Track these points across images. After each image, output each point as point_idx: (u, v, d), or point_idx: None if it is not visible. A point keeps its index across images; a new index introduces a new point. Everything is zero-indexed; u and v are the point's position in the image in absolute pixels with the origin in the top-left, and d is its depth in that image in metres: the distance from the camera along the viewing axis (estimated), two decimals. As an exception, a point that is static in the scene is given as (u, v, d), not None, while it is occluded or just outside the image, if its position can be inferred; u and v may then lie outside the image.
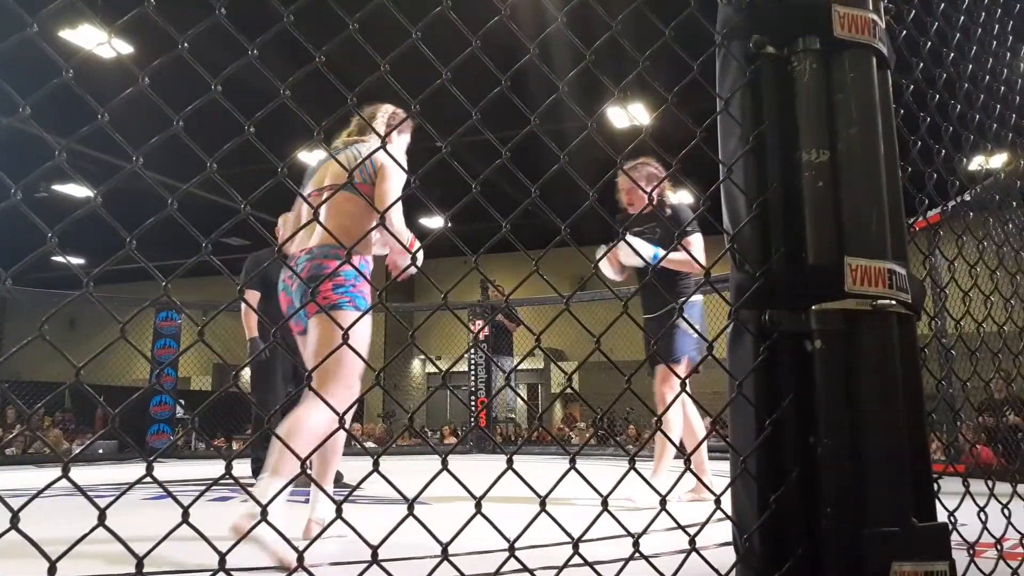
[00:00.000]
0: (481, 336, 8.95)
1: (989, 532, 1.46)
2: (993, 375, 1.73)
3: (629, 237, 3.55)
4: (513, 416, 10.26)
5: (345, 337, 1.02)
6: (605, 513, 1.06)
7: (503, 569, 1.02)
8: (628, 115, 9.87)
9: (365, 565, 0.95)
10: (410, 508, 0.97)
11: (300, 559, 0.91)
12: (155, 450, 7.94)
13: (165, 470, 5.98)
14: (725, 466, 1.13)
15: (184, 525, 0.89)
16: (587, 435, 11.34)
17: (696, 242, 3.63)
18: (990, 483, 1.57)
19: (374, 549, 0.94)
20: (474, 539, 1.09)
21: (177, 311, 8.65)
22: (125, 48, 7.44)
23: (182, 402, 9.28)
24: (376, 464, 0.98)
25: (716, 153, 1.22)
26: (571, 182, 1.14)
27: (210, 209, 8.52)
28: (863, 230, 1.10)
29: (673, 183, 3.83)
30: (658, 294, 3.59)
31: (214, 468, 5.98)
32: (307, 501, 2.64)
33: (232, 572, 0.90)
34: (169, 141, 0.94)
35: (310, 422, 2.25)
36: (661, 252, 3.43)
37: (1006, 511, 1.55)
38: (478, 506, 1.00)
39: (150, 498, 3.83)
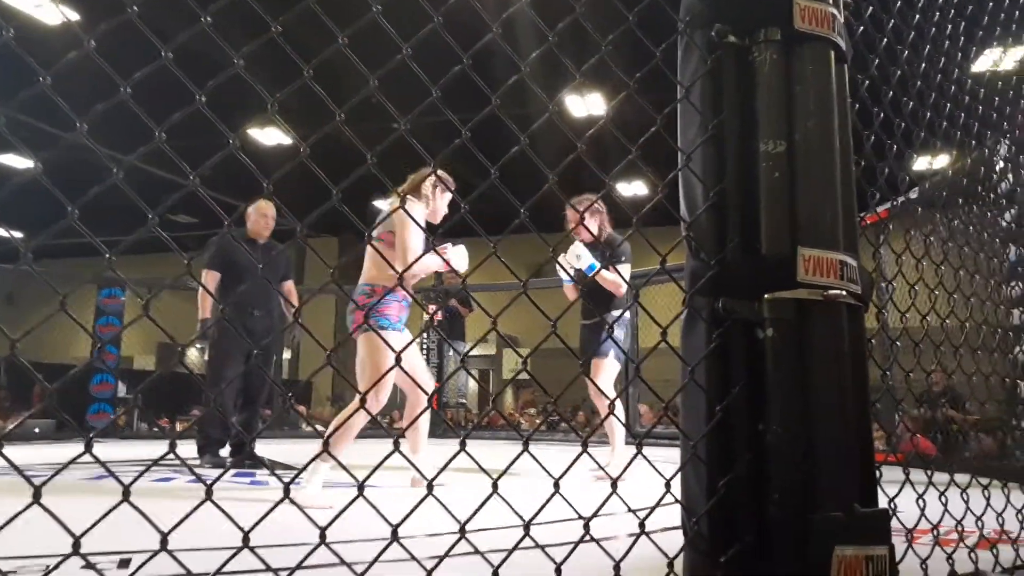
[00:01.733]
0: (434, 321, 8.91)
1: (927, 519, 1.51)
2: (934, 367, 1.77)
3: (578, 246, 4.25)
4: (464, 401, 10.26)
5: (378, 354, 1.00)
6: (556, 496, 1.06)
7: (453, 551, 1.02)
8: (585, 105, 9.89)
9: (312, 547, 0.94)
10: (360, 491, 0.96)
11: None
12: (95, 430, 7.73)
13: (106, 450, 5.82)
14: (673, 453, 1.14)
15: (125, 504, 0.86)
16: (537, 421, 11.40)
17: (625, 270, 4.33)
18: (928, 472, 1.63)
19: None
20: (427, 521, 1.09)
21: (122, 287, 8.42)
22: (72, 15, 7.17)
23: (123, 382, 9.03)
24: (326, 445, 0.97)
25: (675, 141, 1.22)
26: (532, 167, 1.13)
27: (159, 184, 8.29)
28: (817, 221, 1.12)
29: (611, 215, 4.58)
30: (594, 305, 4.41)
31: (157, 449, 5.83)
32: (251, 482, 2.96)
33: (174, 552, 0.87)
34: (118, 115, 0.90)
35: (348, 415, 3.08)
36: (598, 265, 4.24)
37: (943, 499, 1.60)
38: (430, 487, 0.99)
39: (89, 478, 3.73)
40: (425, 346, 9.30)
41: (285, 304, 4.90)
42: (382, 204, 4.30)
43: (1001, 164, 4.16)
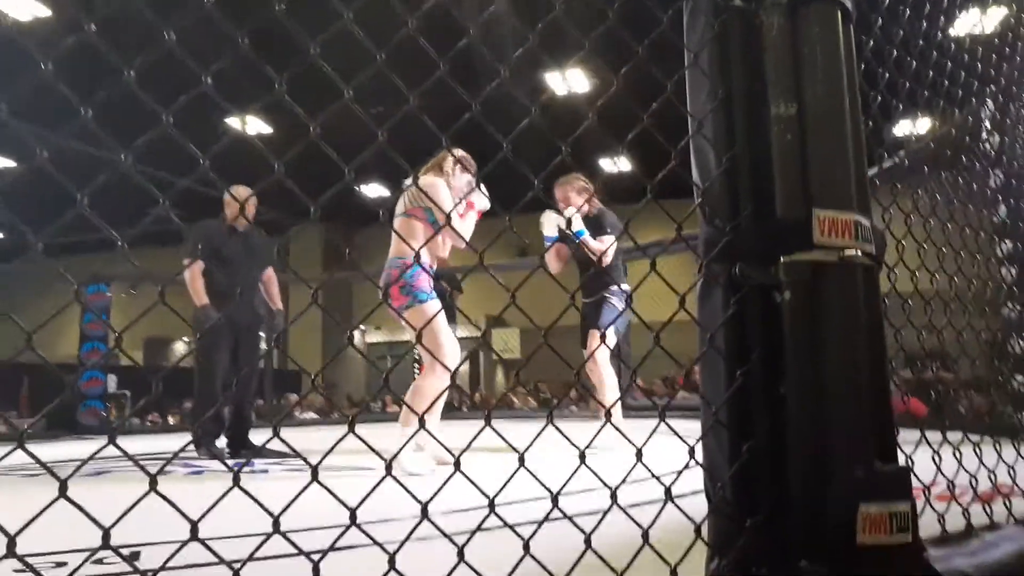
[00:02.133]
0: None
1: (918, 478, 1.52)
2: (940, 327, 1.78)
3: (568, 213, 4.37)
4: (457, 384, 10.29)
5: (419, 332, 1.00)
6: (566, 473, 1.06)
7: (481, 527, 1.02)
8: (566, 82, 9.86)
9: (343, 528, 0.93)
10: (388, 471, 0.96)
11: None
12: (87, 428, 7.67)
13: (100, 446, 5.77)
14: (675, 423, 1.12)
15: (148, 496, 0.85)
16: (529, 400, 11.47)
17: (608, 240, 4.47)
18: (921, 432, 1.63)
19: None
20: (450, 499, 1.08)
21: (107, 282, 8.33)
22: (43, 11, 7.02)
23: (113, 377, 8.97)
24: (352, 427, 0.96)
25: (683, 109, 1.21)
26: (517, 152, 1.10)
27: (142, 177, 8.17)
28: (830, 182, 1.12)
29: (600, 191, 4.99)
30: (592, 283, 4.59)
31: (149, 443, 5.81)
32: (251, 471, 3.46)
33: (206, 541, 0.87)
34: (101, 109, 0.87)
35: (424, 385, 3.57)
36: (586, 232, 4.44)
37: (936, 458, 1.60)
38: (457, 465, 0.98)
39: (88, 474, 3.70)
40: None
41: (267, 292, 4.91)
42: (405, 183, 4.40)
43: (988, 124, 4.19)
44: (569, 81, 9.78)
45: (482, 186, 3.71)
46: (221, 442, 4.77)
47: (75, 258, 14.49)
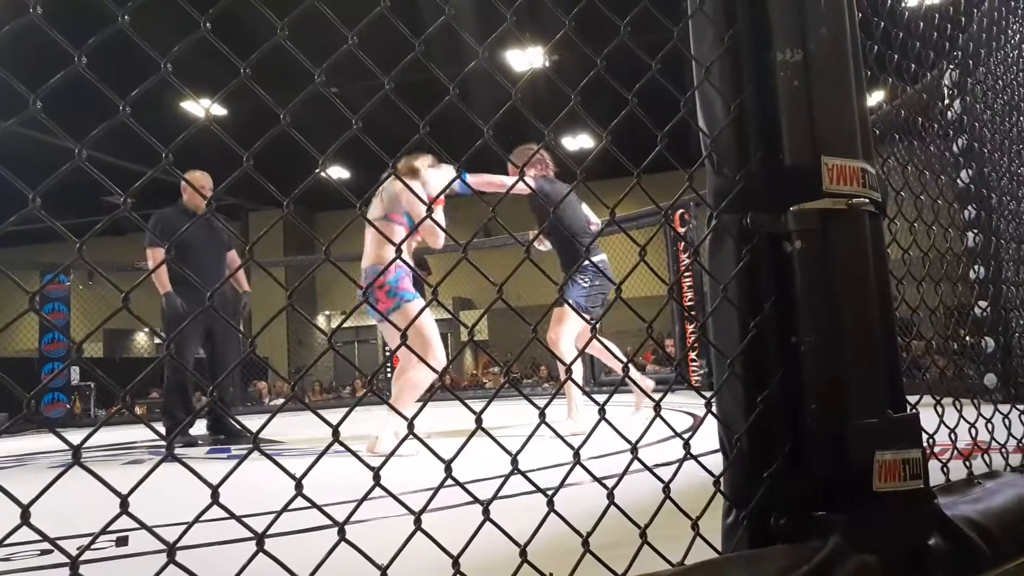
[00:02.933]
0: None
1: (946, 425, 1.54)
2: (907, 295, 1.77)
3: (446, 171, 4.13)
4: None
5: (404, 334, 0.94)
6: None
7: (503, 491, 0.99)
8: (526, 57, 9.78)
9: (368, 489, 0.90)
10: (411, 429, 0.92)
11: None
12: (51, 420, 7.48)
13: (69, 438, 5.63)
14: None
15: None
16: (501, 379, 11.46)
17: (507, 179, 4.32)
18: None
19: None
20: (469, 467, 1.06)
21: (66, 272, 8.09)
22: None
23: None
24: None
25: (669, 84, 1.18)
26: (471, 124, 1.05)
27: (94, 165, 7.92)
28: (837, 129, 1.11)
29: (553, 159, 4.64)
30: (562, 255, 4.49)
31: (119, 434, 5.69)
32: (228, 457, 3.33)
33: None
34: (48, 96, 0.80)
35: (415, 377, 3.68)
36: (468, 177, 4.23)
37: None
38: (478, 422, 0.95)
39: (56, 466, 3.60)
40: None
41: (233, 275, 4.83)
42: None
43: (948, 91, 4.25)
44: (531, 56, 9.71)
45: (444, 167, 3.81)
46: (199, 428, 4.74)
47: (30, 248, 14.08)
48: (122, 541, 1.72)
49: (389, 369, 9.65)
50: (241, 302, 5.02)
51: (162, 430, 4.65)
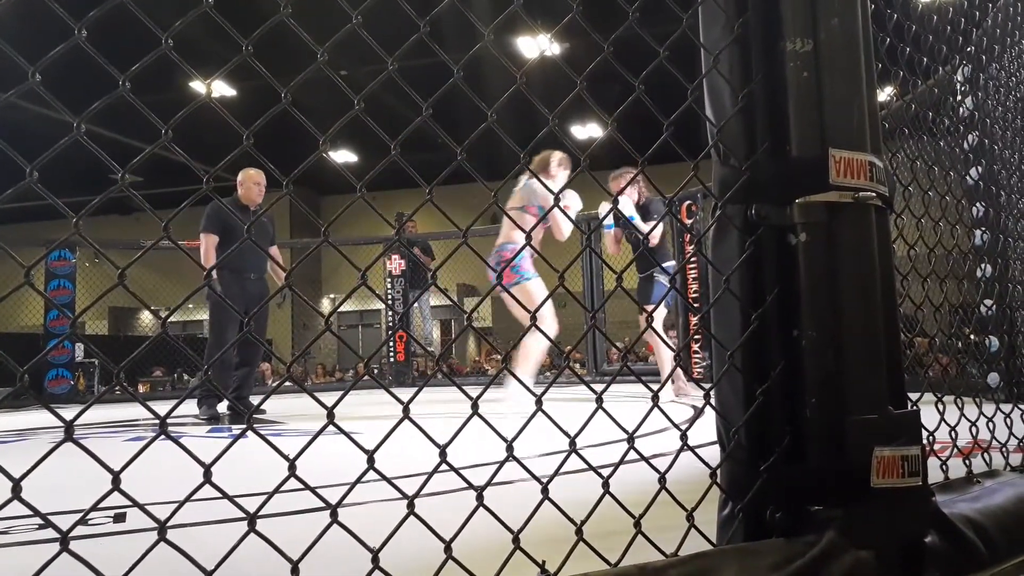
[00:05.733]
0: (397, 271, 8.84)
1: (946, 423, 1.53)
2: (914, 294, 1.76)
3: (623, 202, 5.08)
4: (432, 350, 10.26)
5: (527, 304, 1.04)
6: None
7: (497, 478, 0.98)
8: (538, 44, 9.72)
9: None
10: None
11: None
12: (54, 396, 7.52)
13: (69, 415, 5.66)
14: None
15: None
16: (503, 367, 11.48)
17: (648, 226, 4.95)
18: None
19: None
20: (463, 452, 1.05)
21: (71, 248, 8.10)
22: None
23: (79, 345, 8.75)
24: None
25: (679, 73, 1.16)
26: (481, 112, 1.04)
27: (97, 142, 7.91)
28: (846, 122, 1.09)
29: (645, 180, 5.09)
30: (641, 261, 5.27)
31: (118, 412, 5.72)
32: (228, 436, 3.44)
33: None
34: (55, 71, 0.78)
35: (531, 344, 4.31)
36: (636, 217, 5.22)
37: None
38: (475, 408, 0.95)
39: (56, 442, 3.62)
40: (390, 296, 9.24)
41: (273, 267, 5.20)
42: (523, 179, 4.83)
43: (960, 87, 4.21)
44: (541, 44, 9.65)
45: (571, 192, 4.49)
46: (222, 407, 5.01)
47: (40, 223, 14.09)
48: (120, 517, 1.73)
49: (390, 353, 9.69)
50: (281, 295, 5.35)
51: (157, 409, 4.71)
